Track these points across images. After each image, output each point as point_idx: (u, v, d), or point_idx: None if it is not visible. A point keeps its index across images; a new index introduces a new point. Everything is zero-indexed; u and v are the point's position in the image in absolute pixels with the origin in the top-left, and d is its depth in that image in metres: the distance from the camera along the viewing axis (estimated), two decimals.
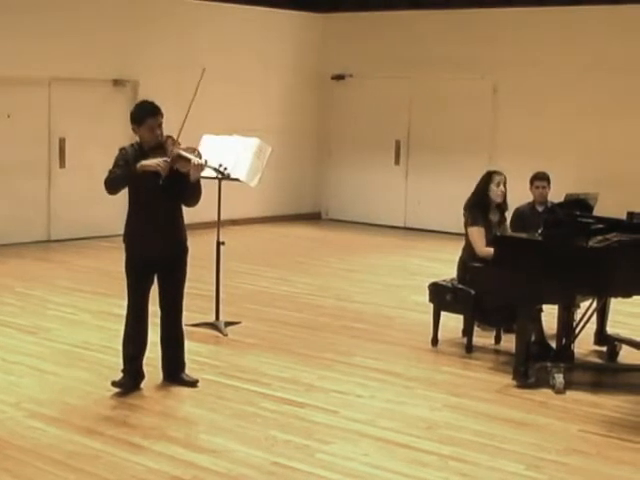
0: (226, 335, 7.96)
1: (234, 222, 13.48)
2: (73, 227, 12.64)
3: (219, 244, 8.12)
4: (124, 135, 13.35)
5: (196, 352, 7.17)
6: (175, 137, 6.26)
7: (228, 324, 8.16)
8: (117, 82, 13.03)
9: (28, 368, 6.92)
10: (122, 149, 6.33)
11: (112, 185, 6.21)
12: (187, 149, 6.25)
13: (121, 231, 6.47)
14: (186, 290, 6.57)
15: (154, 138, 6.22)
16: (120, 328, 6.54)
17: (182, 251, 6.49)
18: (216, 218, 8.14)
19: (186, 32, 13.70)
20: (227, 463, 5.21)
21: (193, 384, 6.52)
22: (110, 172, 6.21)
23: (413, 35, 14.52)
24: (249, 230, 14.01)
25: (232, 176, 7.19)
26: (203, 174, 6.33)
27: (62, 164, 12.64)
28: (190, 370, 6.65)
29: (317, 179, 15.72)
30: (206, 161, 6.29)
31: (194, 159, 6.17)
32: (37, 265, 11.01)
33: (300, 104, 15.37)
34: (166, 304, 6.49)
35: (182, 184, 6.23)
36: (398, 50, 14.63)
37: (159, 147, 6.20)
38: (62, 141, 12.60)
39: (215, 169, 6.71)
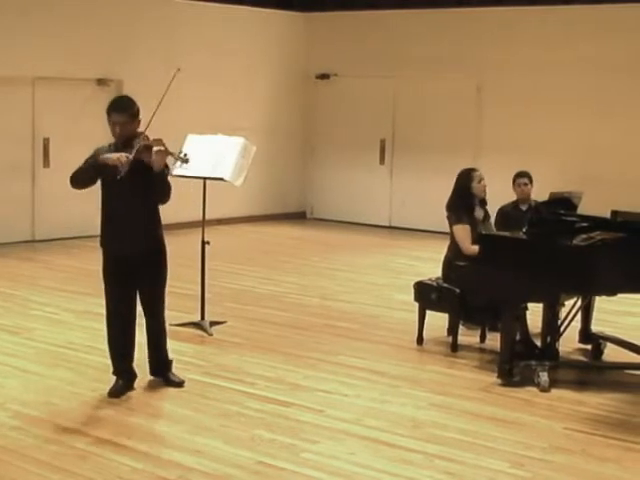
0: (211, 335, 7.95)
1: (219, 221, 13.45)
2: (57, 227, 12.59)
3: (204, 243, 8.11)
4: (108, 135, 13.42)
5: (181, 352, 7.16)
6: (146, 134, 6.19)
7: (213, 324, 8.15)
8: (101, 81, 12.98)
9: (12, 368, 6.89)
10: (97, 148, 6.30)
11: (75, 178, 6.19)
12: (153, 140, 6.15)
13: None
14: (172, 290, 6.54)
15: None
16: (104, 328, 6.50)
17: (156, 250, 6.32)
18: (201, 217, 8.14)
19: (170, 31, 13.66)
20: (212, 463, 5.20)
21: (179, 384, 6.50)
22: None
23: (397, 34, 14.53)
24: (234, 229, 13.99)
25: (215, 175, 7.16)
26: (184, 173, 6.25)
27: (46, 164, 12.58)
28: (175, 370, 6.62)
29: (302, 178, 15.71)
30: (166, 149, 6.15)
31: (155, 146, 6.06)
32: (21, 265, 10.96)
33: (285, 103, 15.36)
34: (145, 307, 6.41)
35: (149, 179, 6.11)
36: (382, 49, 14.63)
37: (128, 144, 6.13)
38: (46, 141, 12.55)
39: (176, 156, 6.43)
